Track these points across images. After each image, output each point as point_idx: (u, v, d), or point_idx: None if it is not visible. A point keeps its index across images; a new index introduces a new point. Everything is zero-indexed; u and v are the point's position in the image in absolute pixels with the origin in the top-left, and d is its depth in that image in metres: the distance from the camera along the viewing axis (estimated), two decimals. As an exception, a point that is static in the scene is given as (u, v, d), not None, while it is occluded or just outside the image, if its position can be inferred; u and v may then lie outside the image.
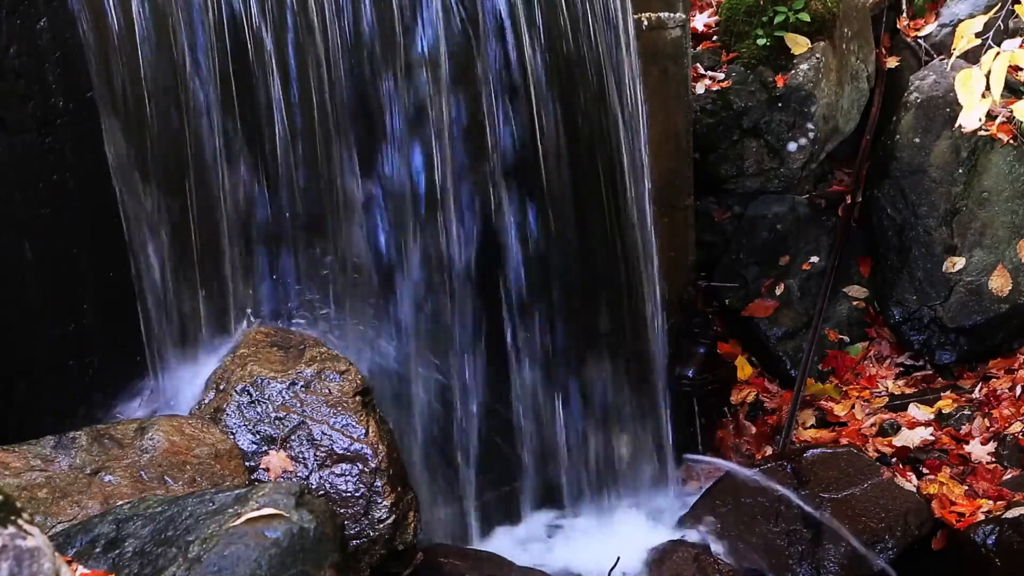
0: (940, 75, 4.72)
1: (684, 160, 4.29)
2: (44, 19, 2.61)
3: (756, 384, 4.59)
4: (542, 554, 3.49)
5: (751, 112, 4.64)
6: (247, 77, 2.90)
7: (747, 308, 4.69)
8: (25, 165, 2.63)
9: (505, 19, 3.25)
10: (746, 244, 4.76)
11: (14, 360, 2.68)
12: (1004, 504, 3.69)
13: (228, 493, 2.06)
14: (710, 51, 4.77)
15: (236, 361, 2.80)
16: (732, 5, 4.74)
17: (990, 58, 2.62)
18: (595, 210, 3.61)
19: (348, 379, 2.75)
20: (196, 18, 2.79)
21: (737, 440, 4.37)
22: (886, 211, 4.72)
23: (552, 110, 3.39)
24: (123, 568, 1.94)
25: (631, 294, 3.74)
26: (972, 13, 4.64)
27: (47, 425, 2.57)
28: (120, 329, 2.83)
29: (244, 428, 2.66)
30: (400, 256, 3.24)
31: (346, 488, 2.61)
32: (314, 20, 2.95)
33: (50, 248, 2.70)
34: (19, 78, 2.59)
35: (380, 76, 3.10)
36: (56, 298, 2.73)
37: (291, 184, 3.01)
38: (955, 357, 4.56)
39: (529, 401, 3.55)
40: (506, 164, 3.36)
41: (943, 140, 4.63)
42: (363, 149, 3.13)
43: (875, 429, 4.29)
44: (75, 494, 2.34)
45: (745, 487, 3.75)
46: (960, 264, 4.54)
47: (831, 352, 4.66)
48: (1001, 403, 4.28)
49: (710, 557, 3.42)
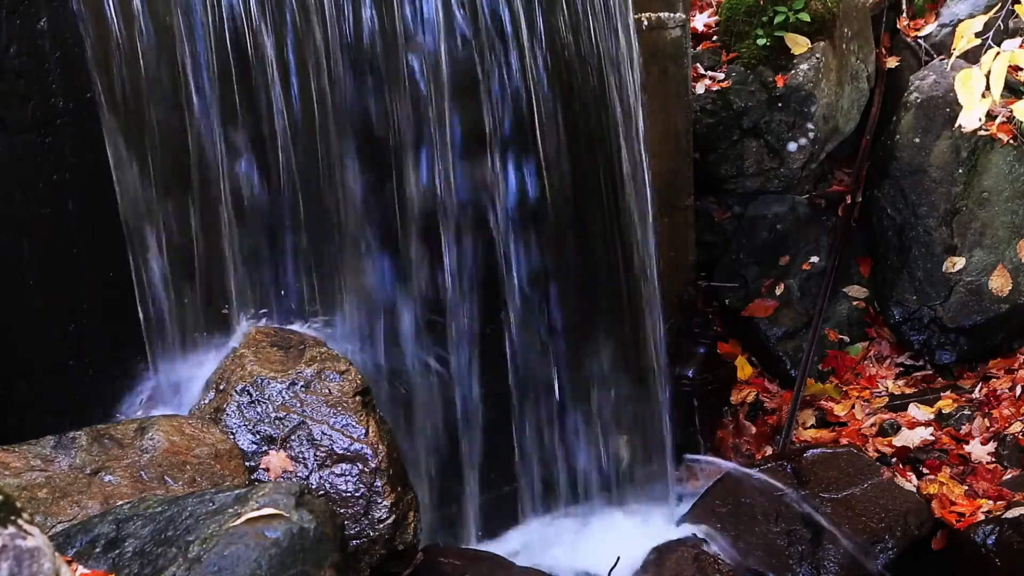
0: (940, 75, 4.72)
1: (684, 160, 4.29)
2: (44, 19, 2.61)
3: (756, 384, 4.59)
4: (542, 554, 3.49)
5: (751, 112, 4.64)
6: (247, 75, 2.90)
7: (747, 308, 4.69)
8: (25, 165, 2.63)
9: (505, 19, 3.25)
10: (746, 244, 4.76)
11: (14, 360, 2.68)
12: (1004, 504, 3.69)
13: (228, 493, 2.06)
14: (710, 51, 4.77)
15: (236, 361, 2.79)
16: (732, 5, 4.74)
17: (990, 58, 2.62)
18: (595, 210, 3.61)
19: (348, 379, 2.75)
20: (196, 17, 2.79)
21: (737, 440, 4.37)
22: (886, 211, 4.73)
23: (552, 109, 3.39)
24: (123, 568, 1.94)
25: (631, 294, 3.74)
26: (972, 13, 4.64)
27: (47, 425, 2.57)
28: (120, 329, 2.83)
29: (244, 428, 2.66)
30: (400, 256, 3.24)
31: (346, 488, 2.61)
32: (314, 20, 2.95)
33: (50, 248, 2.70)
34: (19, 78, 2.59)
35: (380, 76, 3.10)
36: (56, 298, 2.73)
37: (291, 184, 3.01)
38: (955, 357, 4.56)
39: (529, 401, 3.55)
40: (506, 164, 3.36)
41: (943, 140, 4.63)
42: (363, 149, 3.13)
43: (875, 429, 4.29)
44: (75, 494, 2.34)
45: (745, 487, 3.75)
46: (960, 264, 4.54)
47: (831, 352, 4.67)
48: (1001, 403, 4.28)
49: (710, 557, 3.42)
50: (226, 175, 2.90)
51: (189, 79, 2.81)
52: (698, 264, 4.52)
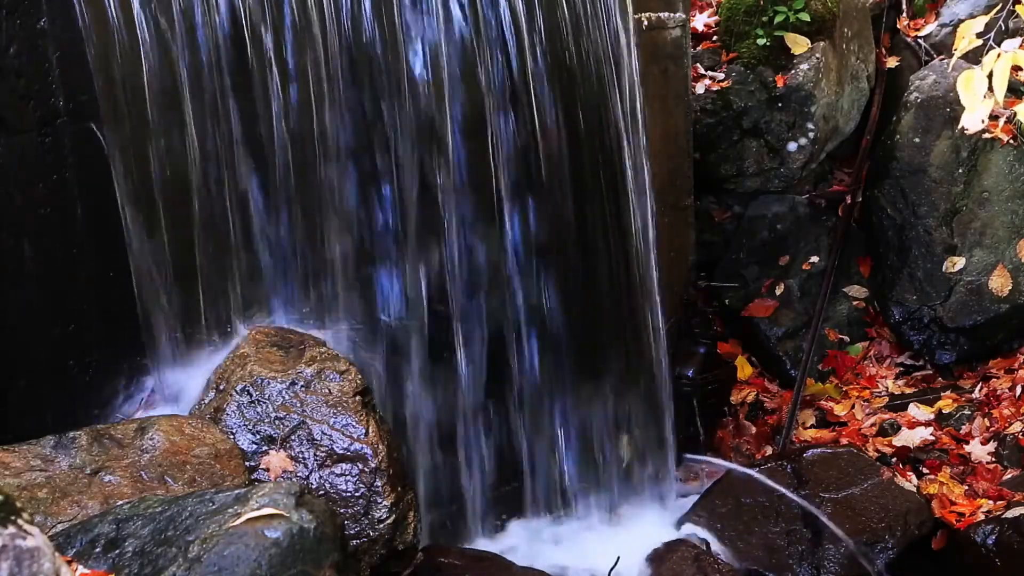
0: (940, 75, 4.73)
1: (684, 160, 4.28)
2: (44, 19, 2.61)
3: (756, 384, 4.59)
4: (542, 554, 3.49)
5: (751, 112, 4.64)
6: (247, 74, 2.90)
7: (747, 308, 4.69)
8: (25, 165, 2.63)
9: (506, 18, 3.25)
10: (746, 244, 4.76)
11: (14, 360, 2.68)
12: (1004, 504, 3.69)
13: (228, 493, 2.06)
14: (710, 51, 4.77)
15: (236, 361, 2.79)
16: (732, 5, 4.74)
17: (992, 59, 2.62)
18: (595, 210, 3.61)
19: (348, 379, 2.75)
20: (197, 16, 2.79)
21: (737, 440, 4.37)
22: (886, 211, 4.73)
23: (552, 109, 3.39)
24: (123, 568, 1.94)
25: (631, 294, 3.74)
26: (972, 13, 4.65)
27: (47, 425, 2.57)
28: (120, 329, 2.83)
29: (244, 428, 2.66)
30: (400, 255, 3.24)
31: (346, 488, 2.61)
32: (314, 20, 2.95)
33: (50, 248, 2.70)
34: (19, 78, 2.59)
35: (381, 78, 3.10)
36: (56, 298, 2.73)
37: (292, 183, 3.01)
38: (955, 357, 4.56)
39: (529, 401, 3.55)
40: (506, 164, 3.36)
41: (943, 140, 4.63)
42: (363, 149, 3.13)
43: (875, 429, 4.29)
44: (75, 494, 2.34)
45: (745, 487, 3.75)
46: (960, 264, 4.54)
47: (831, 352, 4.66)
48: (1001, 403, 4.27)
49: (710, 557, 3.42)
50: (227, 173, 2.90)
51: (190, 77, 2.80)
52: (698, 264, 4.52)
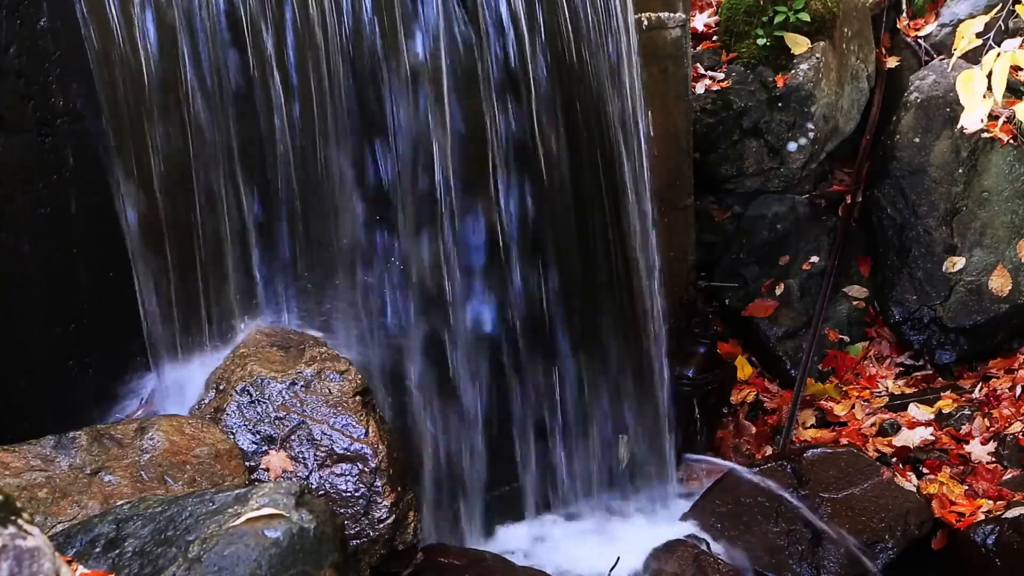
0: (940, 75, 4.73)
1: (684, 160, 4.28)
2: (44, 19, 2.60)
3: (756, 384, 4.59)
4: (542, 554, 3.49)
5: (751, 112, 4.65)
6: (247, 73, 2.90)
7: (747, 308, 4.69)
8: (25, 165, 2.63)
9: (506, 18, 3.25)
10: (746, 244, 4.76)
11: (14, 360, 2.68)
12: (1004, 504, 3.69)
13: (228, 493, 2.06)
14: (710, 51, 4.77)
15: (236, 361, 2.79)
16: (732, 5, 4.74)
17: (991, 59, 2.62)
18: (595, 210, 3.61)
19: (348, 379, 2.75)
20: (197, 16, 2.79)
21: (737, 440, 4.37)
22: (886, 211, 4.73)
23: (552, 109, 3.39)
24: (123, 568, 1.94)
25: (631, 294, 3.74)
26: (972, 13, 4.64)
27: (47, 425, 2.57)
28: (120, 329, 2.83)
29: (244, 428, 2.66)
30: (401, 255, 3.24)
31: (346, 488, 2.61)
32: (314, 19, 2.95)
33: (50, 248, 2.70)
34: (19, 78, 2.59)
35: (380, 77, 3.10)
36: (56, 298, 2.73)
37: (292, 183, 3.01)
38: (955, 357, 4.57)
39: (529, 400, 3.55)
40: (506, 163, 3.36)
41: (943, 140, 4.64)
42: (363, 149, 3.13)
43: (875, 429, 4.29)
44: (75, 494, 2.34)
45: (745, 487, 3.75)
46: (960, 264, 4.54)
47: (831, 352, 4.67)
48: (1001, 403, 4.28)
49: (710, 557, 3.42)
50: (227, 174, 2.90)
51: (191, 77, 2.80)
52: (698, 264, 4.52)
